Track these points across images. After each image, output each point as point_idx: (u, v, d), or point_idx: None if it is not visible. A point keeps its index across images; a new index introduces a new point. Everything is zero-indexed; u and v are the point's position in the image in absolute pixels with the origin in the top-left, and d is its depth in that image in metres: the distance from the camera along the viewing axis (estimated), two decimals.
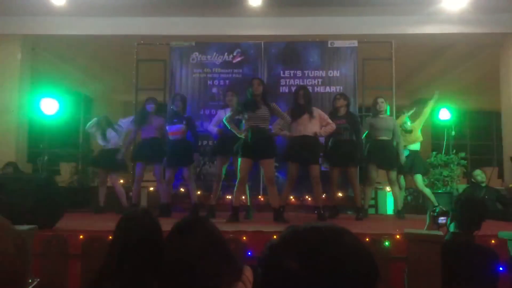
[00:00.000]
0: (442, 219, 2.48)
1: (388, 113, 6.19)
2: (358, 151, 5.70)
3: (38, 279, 2.09)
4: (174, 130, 5.72)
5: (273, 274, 0.76)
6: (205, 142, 6.98)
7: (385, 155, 5.85)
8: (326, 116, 5.39)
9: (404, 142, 6.20)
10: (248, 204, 5.70)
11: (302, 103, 5.28)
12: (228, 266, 1.65)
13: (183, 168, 5.78)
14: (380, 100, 6.02)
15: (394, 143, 5.95)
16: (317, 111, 5.36)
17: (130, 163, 6.73)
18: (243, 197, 5.41)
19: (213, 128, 5.91)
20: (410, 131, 6.34)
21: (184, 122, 5.74)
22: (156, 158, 5.94)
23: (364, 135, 5.98)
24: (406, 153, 6.12)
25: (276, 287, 0.76)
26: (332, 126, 5.31)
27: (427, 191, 6.44)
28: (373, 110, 6.09)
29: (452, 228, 2.42)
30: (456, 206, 2.49)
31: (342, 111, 5.70)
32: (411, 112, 6.56)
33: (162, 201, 5.91)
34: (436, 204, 6.04)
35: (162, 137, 6.10)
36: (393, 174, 5.93)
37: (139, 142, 6.48)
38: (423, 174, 6.53)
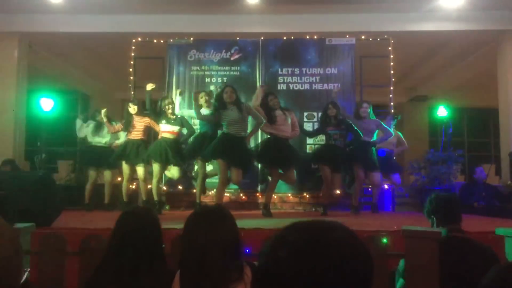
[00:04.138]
0: None
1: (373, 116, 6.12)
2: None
3: (29, 268, 2.09)
4: (174, 130, 5.73)
5: (267, 266, 0.77)
6: None
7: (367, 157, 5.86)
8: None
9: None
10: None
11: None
12: (237, 263, 1.64)
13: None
14: (365, 104, 6.02)
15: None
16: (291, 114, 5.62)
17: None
18: None
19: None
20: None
21: (181, 123, 5.76)
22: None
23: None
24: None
25: (269, 278, 0.77)
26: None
27: None
28: (356, 114, 6.01)
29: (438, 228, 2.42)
30: (433, 206, 2.50)
31: (333, 119, 5.68)
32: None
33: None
34: None
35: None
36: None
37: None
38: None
